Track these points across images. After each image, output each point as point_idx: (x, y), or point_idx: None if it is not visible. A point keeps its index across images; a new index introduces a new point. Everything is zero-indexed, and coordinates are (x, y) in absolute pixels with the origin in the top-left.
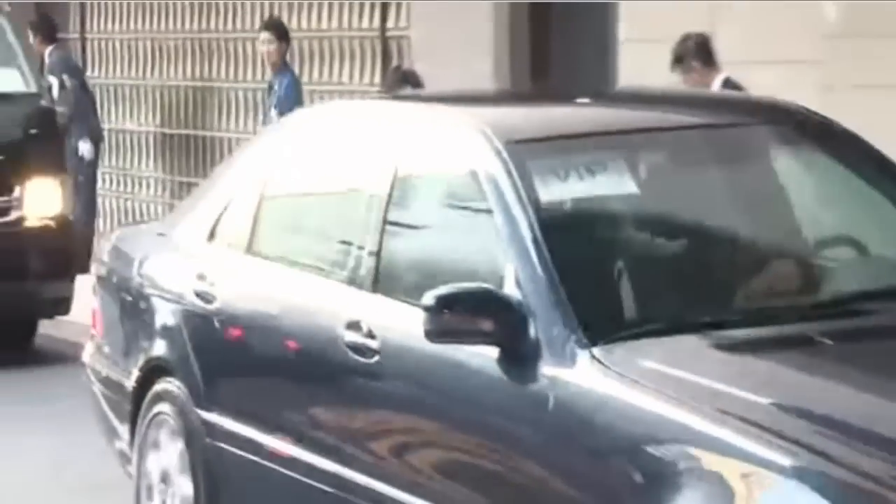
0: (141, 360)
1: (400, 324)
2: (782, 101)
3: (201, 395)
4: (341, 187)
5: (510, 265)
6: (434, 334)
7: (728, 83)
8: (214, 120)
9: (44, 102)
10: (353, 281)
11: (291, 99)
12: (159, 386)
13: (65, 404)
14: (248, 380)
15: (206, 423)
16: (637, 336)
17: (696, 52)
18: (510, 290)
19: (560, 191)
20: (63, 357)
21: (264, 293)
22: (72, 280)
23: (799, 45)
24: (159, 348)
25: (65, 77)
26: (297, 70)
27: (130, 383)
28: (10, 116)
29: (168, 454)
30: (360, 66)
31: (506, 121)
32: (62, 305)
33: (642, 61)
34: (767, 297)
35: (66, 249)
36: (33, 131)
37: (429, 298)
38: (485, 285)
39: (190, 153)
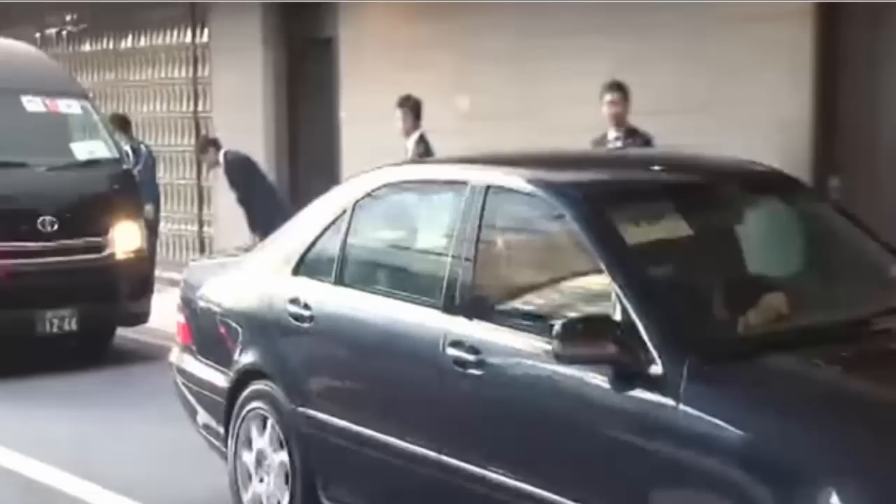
0: (235, 366)
1: (502, 342)
2: (775, 168)
3: (297, 394)
4: (428, 232)
5: (616, 297)
6: (562, 358)
7: (422, 138)
8: None
9: (124, 165)
10: (449, 308)
11: (148, 163)
12: (254, 387)
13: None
14: (345, 382)
15: (303, 416)
16: (739, 355)
17: (412, 109)
18: (618, 317)
19: (637, 234)
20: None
21: (359, 315)
22: (149, 298)
23: (446, 121)
24: (251, 357)
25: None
26: (143, 136)
27: (226, 385)
28: (100, 177)
29: (264, 439)
30: (181, 135)
31: (573, 178)
32: (142, 317)
33: (357, 135)
34: (828, 315)
35: (145, 275)
36: (117, 187)
37: (557, 326)
38: (604, 314)
39: None
